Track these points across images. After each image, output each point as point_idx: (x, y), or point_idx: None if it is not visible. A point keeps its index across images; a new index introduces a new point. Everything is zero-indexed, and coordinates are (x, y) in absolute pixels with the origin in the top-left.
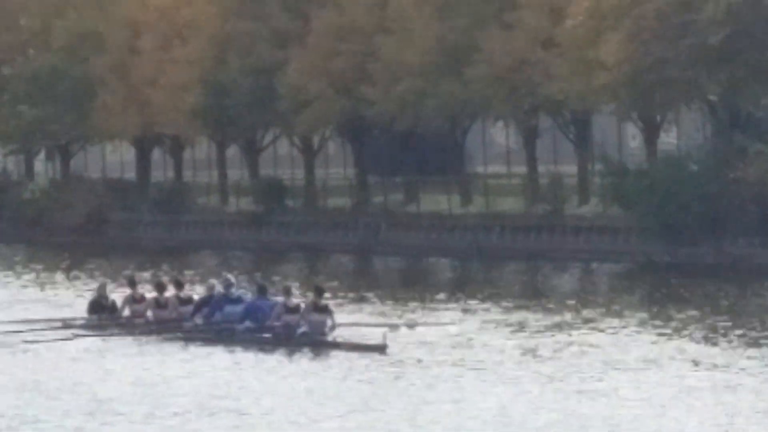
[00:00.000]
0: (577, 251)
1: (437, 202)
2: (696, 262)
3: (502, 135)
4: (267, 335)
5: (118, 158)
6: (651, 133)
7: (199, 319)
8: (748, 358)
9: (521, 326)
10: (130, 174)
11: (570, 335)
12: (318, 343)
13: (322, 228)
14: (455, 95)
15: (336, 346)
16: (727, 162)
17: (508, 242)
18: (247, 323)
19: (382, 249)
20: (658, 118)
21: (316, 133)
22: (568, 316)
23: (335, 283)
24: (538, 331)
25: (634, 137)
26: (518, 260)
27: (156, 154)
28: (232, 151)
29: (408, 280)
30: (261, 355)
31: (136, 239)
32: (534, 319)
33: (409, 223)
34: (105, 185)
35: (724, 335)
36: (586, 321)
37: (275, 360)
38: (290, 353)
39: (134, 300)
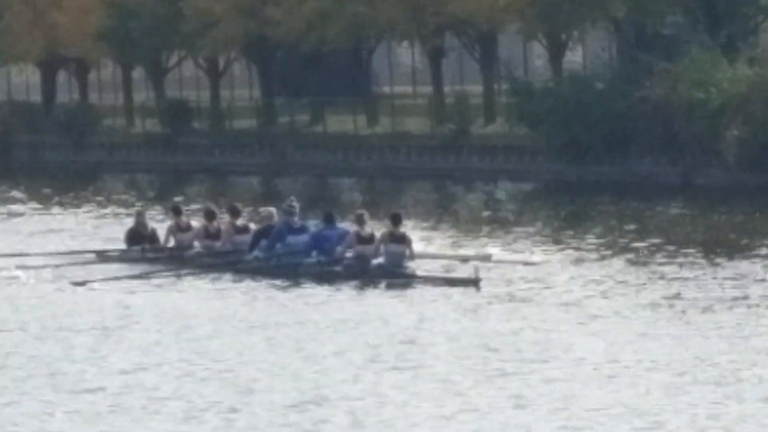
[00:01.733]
0: (483, 171)
1: (343, 122)
2: (602, 180)
3: (407, 55)
4: (338, 268)
5: (23, 81)
6: (556, 52)
7: (258, 252)
8: (652, 273)
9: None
10: (36, 97)
11: (472, 250)
12: (397, 275)
13: (229, 149)
14: (360, 15)
15: (419, 279)
16: (632, 80)
17: (415, 162)
18: (315, 255)
19: (289, 169)
20: (564, 36)
21: (221, 54)
22: (473, 234)
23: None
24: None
25: (539, 56)
26: (424, 180)
27: (61, 76)
28: (138, 73)
29: (314, 200)
30: (332, 290)
31: (41, 161)
32: (440, 237)
33: (315, 143)
34: (10, 108)
35: (630, 250)
36: (492, 237)
37: (347, 295)
38: (365, 287)
39: (179, 228)
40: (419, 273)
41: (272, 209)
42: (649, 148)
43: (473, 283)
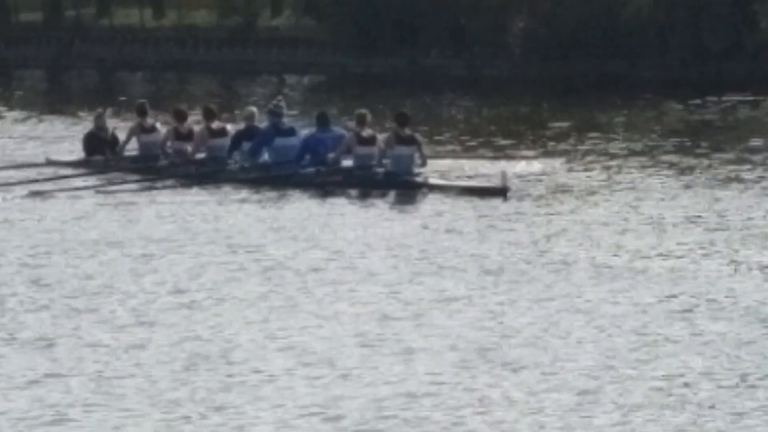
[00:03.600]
0: (270, 63)
1: (129, 15)
2: (391, 73)
3: None
4: (337, 177)
5: None
6: None
7: (238, 156)
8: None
9: None
10: None
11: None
12: (409, 184)
13: (14, 42)
14: None
15: (437, 188)
16: None
17: (201, 55)
18: (308, 161)
19: (75, 63)
20: None
21: None
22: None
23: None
24: None
25: None
26: (212, 73)
27: None
28: None
29: (101, 94)
30: (335, 202)
31: None
32: None
33: (101, 36)
34: None
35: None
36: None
37: (355, 208)
38: (373, 197)
39: (143, 130)
40: (434, 180)
41: (253, 108)
42: (437, 40)
43: (500, 192)
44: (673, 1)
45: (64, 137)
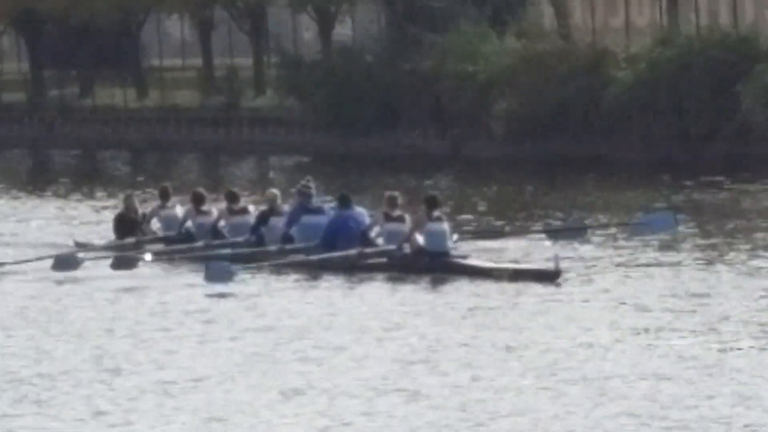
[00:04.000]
0: (253, 143)
1: (113, 95)
2: (372, 153)
3: (177, 28)
4: (380, 259)
5: None
6: (325, 25)
7: (263, 235)
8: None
9: None
10: None
11: None
12: (451, 267)
13: None
14: None
15: (479, 272)
16: (401, 53)
17: (185, 135)
18: (338, 243)
19: (58, 143)
20: (333, 9)
21: None
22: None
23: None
24: None
25: (308, 29)
26: (195, 153)
27: None
28: None
29: (84, 172)
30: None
31: None
32: None
33: (84, 116)
34: None
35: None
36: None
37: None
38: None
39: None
40: (477, 263)
41: (275, 190)
42: (418, 120)
43: (551, 276)
44: (655, 83)
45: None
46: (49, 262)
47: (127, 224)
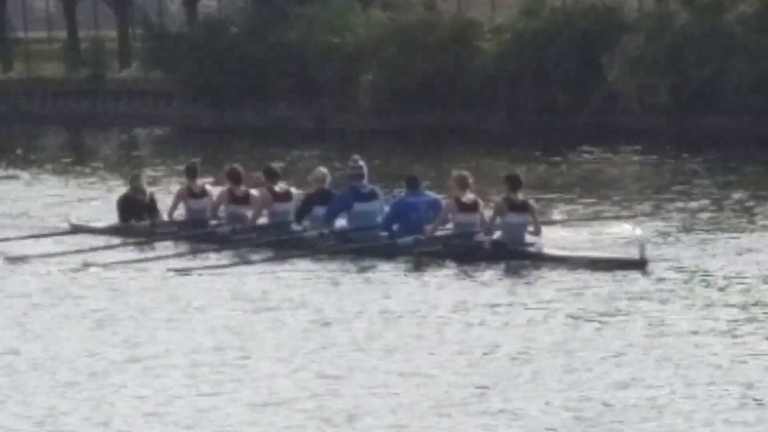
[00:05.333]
0: (119, 115)
1: None
2: (240, 125)
3: (42, 0)
4: (435, 247)
5: None
6: None
7: (308, 223)
8: None
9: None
10: None
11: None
12: (524, 255)
13: None
14: None
15: (557, 260)
16: (266, 25)
17: (50, 107)
18: (397, 229)
19: None
20: None
21: None
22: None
23: None
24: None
25: (173, 1)
26: (60, 125)
27: None
28: None
29: None
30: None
31: None
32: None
33: None
34: None
35: None
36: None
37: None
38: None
39: (192, 194)
40: (553, 251)
41: (324, 170)
42: (285, 92)
43: (638, 264)
44: (521, 54)
45: None
46: None
47: (133, 206)
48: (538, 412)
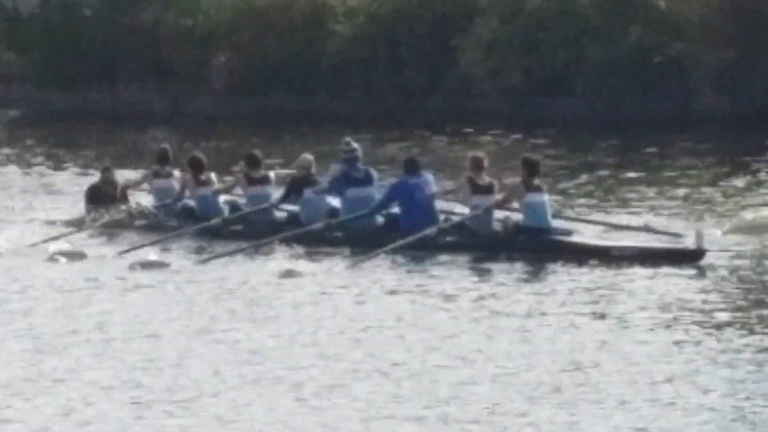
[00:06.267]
0: None
1: None
2: (91, 108)
3: None
4: (455, 237)
5: None
6: None
7: (297, 207)
8: None
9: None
10: None
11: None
12: (551, 245)
13: None
14: None
15: (591, 252)
16: (119, 7)
17: None
18: (397, 208)
19: None
20: None
21: None
22: None
23: None
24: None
25: None
26: None
27: None
28: None
29: None
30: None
31: None
32: None
33: None
34: None
35: None
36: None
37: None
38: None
39: (158, 175)
40: (595, 242)
41: (310, 156)
42: (138, 75)
43: (694, 255)
44: (373, 37)
45: None
46: None
47: (100, 199)
48: None
